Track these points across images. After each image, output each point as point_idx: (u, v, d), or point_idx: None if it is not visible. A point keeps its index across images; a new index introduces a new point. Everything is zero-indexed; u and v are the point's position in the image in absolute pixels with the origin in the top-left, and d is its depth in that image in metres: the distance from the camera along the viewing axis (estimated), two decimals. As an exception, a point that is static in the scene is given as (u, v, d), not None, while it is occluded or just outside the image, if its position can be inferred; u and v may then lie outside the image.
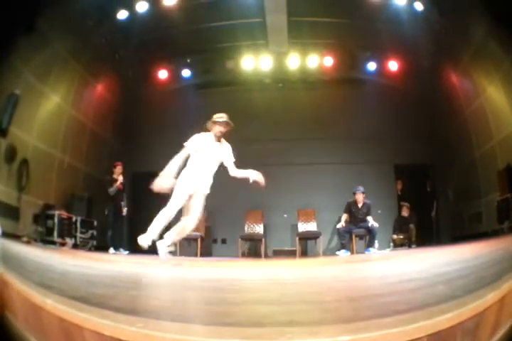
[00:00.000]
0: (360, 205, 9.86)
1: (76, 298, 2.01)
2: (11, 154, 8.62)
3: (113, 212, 9.84)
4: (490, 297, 1.70)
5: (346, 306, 2.06)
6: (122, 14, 10.14)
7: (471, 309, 1.58)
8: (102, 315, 1.65)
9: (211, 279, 3.66)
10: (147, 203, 11.50)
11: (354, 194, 9.94)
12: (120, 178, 9.84)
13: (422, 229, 11.45)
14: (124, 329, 1.47)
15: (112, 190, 9.74)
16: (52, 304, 1.89)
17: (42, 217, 9.35)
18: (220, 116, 5.97)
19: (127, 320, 1.56)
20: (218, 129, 5.95)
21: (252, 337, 1.37)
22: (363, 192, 9.90)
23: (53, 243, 9.18)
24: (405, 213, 11.21)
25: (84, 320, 1.64)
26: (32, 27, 8.14)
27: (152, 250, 5.92)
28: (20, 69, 8.56)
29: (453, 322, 1.49)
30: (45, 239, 9.15)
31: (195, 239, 10.24)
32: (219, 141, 6.07)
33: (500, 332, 1.76)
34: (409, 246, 10.59)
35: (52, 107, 9.98)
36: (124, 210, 10.01)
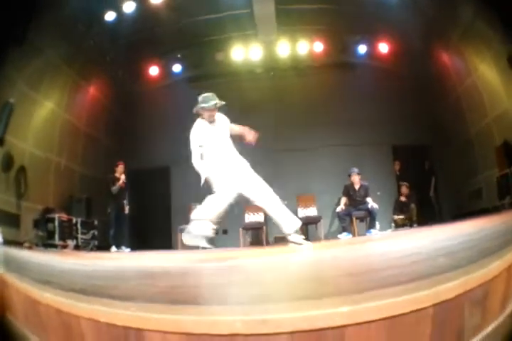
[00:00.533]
0: (357, 187, 9.76)
1: (74, 291, 2.04)
2: (8, 163, 8.64)
3: (116, 210, 9.86)
4: (496, 265, 1.67)
5: (347, 280, 2.06)
6: (110, 16, 10.05)
7: (477, 277, 1.55)
8: (98, 303, 1.66)
9: (211, 266, 3.66)
10: (144, 200, 11.57)
11: (349, 176, 9.85)
12: (122, 177, 9.86)
13: (423, 208, 11.34)
14: (119, 314, 1.48)
15: (114, 188, 9.76)
16: (50, 297, 1.92)
17: (42, 221, 9.35)
18: (206, 100, 5.21)
19: (122, 305, 1.58)
20: (209, 114, 5.26)
21: (249, 314, 1.36)
22: (359, 173, 9.78)
23: (55, 246, 9.20)
24: (405, 193, 11.12)
25: (80, 309, 1.66)
26: (24, 37, 8.11)
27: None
28: (14, 78, 8.56)
29: (459, 291, 1.46)
30: (46, 242, 9.16)
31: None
32: (213, 122, 5.36)
33: (511, 306, 1.74)
34: (411, 226, 10.52)
35: (47, 113, 9.98)
36: (127, 208, 10.04)
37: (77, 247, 9.80)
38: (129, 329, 1.45)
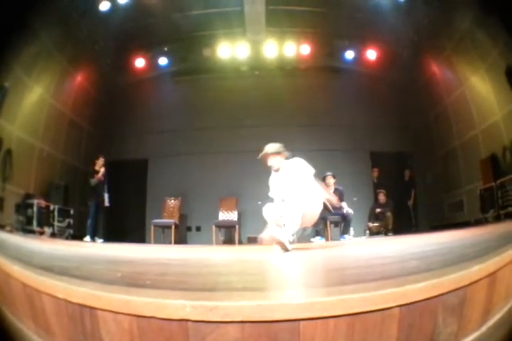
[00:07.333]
0: (331, 191, 9.63)
1: (40, 268, 2.11)
2: (-4, 146, 8.66)
3: (95, 202, 9.84)
4: (474, 271, 1.57)
5: (306, 277, 2.09)
6: (104, 5, 10.09)
7: (450, 281, 1.47)
8: (58, 279, 1.73)
9: (179, 258, 3.70)
10: (119, 192, 11.49)
11: (323, 179, 9.63)
12: (102, 170, 9.85)
13: (400, 217, 11.29)
14: (75, 290, 1.53)
15: (93, 180, 9.76)
16: (18, 270, 2.00)
17: (22, 206, 9.32)
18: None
19: (80, 283, 1.62)
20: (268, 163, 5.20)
21: (200, 299, 1.35)
22: (334, 176, 9.63)
23: (33, 232, 9.16)
24: (382, 200, 11.06)
25: (41, 283, 1.74)
26: (23, 23, 8.11)
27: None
28: (9, 62, 8.51)
29: (430, 294, 1.40)
30: (25, 228, 9.12)
31: (169, 227, 10.15)
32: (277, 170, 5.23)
33: (495, 318, 1.67)
34: (386, 234, 10.45)
35: (36, 98, 9.96)
36: (107, 202, 10.00)
37: (53, 235, 9.77)
38: (84, 308, 1.49)
